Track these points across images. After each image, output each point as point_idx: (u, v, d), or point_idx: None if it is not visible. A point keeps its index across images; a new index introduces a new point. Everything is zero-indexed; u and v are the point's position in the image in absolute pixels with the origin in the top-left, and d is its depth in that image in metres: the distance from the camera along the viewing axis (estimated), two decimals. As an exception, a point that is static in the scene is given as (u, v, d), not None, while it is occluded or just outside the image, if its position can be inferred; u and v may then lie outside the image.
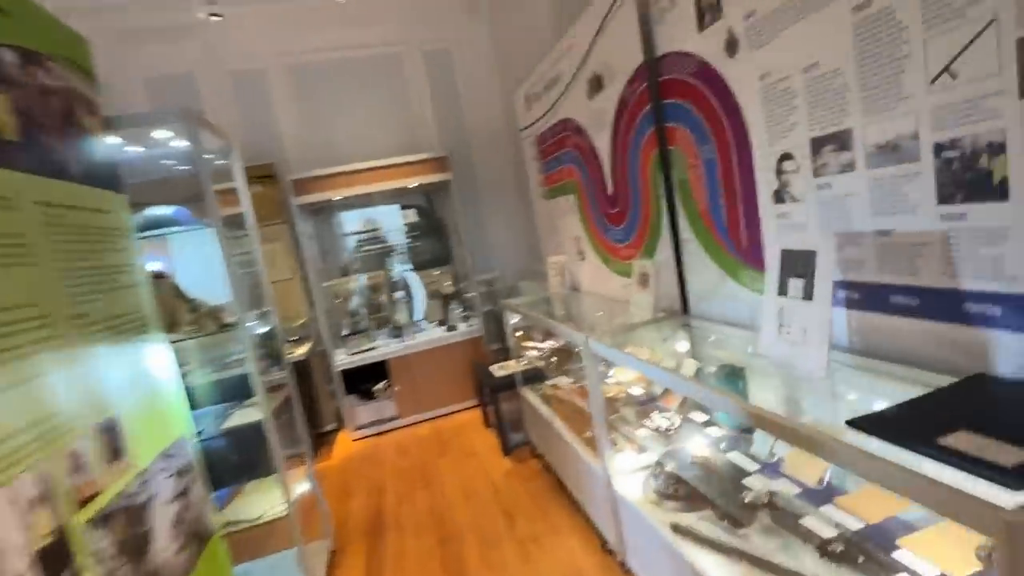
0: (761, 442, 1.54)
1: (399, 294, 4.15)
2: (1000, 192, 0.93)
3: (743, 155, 1.52)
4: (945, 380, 1.02)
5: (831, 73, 1.19)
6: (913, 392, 1.00)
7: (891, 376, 1.15)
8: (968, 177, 0.97)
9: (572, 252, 3.09)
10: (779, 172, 1.41)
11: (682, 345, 1.91)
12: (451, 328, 4.04)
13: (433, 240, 4.34)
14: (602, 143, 2.40)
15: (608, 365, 2.33)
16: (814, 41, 1.21)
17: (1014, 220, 0.92)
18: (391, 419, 3.90)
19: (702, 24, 1.58)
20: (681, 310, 2.00)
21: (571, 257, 3.11)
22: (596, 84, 2.32)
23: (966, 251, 1.00)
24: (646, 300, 2.04)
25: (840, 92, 1.18)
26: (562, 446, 2.40)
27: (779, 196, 1.43)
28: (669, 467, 1.76)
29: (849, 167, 1.20)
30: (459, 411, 4.02)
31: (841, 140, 1.20)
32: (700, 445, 1.74)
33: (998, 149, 0.91)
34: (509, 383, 3.15)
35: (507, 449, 3.15)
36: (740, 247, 1.63)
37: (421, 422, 3.95)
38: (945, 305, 1.06)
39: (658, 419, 2.00)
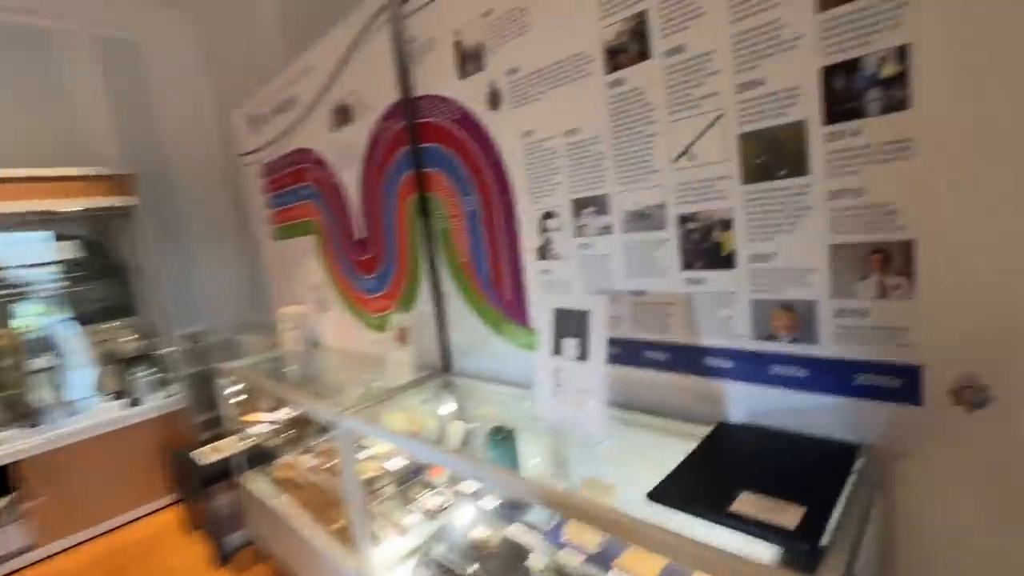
0: (540, 508, 1.48)
1: (44, 360, 2.90)
2: (728, 262, 1.07)
3: (507, 209, 1.50)
4: (696, 429, 1.12)
5: (591, 139, 1.25)
6: (677, 445, 1.05)
7: (652, 428, 1.22)
8: (705, 247, 1.10)
9: (312, 302, 2.66)
10: (543, 229, 1.42)
11: (447, 407, 1.75)
12: (134, 402, 3.01)
13: (107, 284, 3.22)
14: (350, 180, 2.13)
15: (363, 439, 2.01)
16: (575, 107, 1.26)
17: (738, 287, 1.06)
18: (20, 552, 2.61)
19: (463, 71, 1.52)
20: (443, 368, 1.86)
21: (311, 308, 2.68)
22: (343, 115, 2.06)
23: (704, 311, 1.13)
24: (405, 358, 1.84)
25: (599, 159, 1.24)
26: (302, 543, 1.94)
27: (543, 253, 1.43)
28: (438, 553, 1.55)
29: (607, 230, 1.26)
30: (149, 515, 2.98)
31: (600, 204, 1.26)
32: (474, 521, 1.59)
33: (727, 225, 1.05)
34: (223, 470, 2.46)
35: (223, 558, 2.42)
36: (504, 302, 1.59)
37: (81, 544, 2.76)
38: (690, 359, 1.18)
39: (427, 498, 1.78)
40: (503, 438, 1.47)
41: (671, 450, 1.16)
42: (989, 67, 0.74)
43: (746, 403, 1.10)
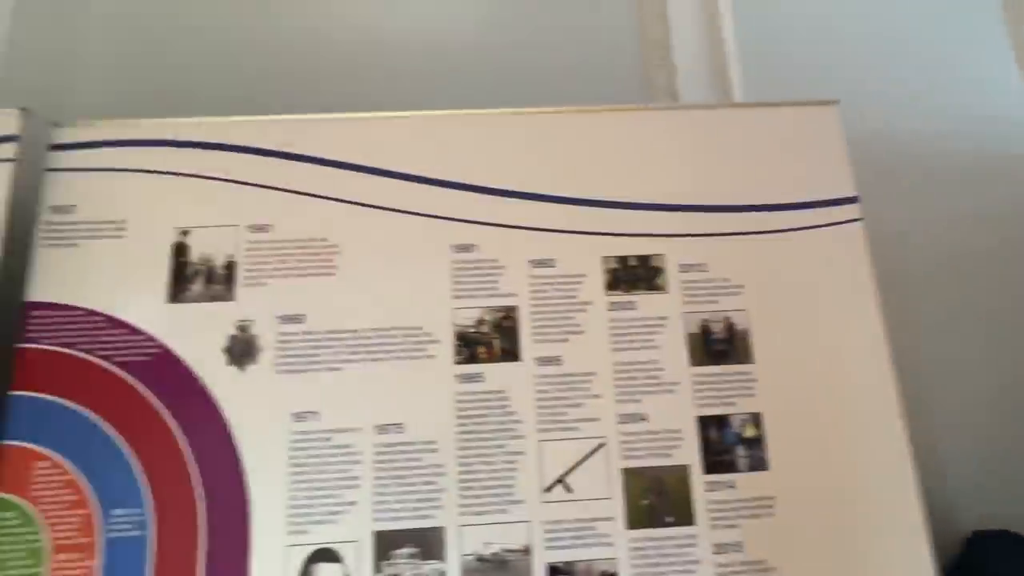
0: None
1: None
2: (613, 630, 0.84)
3: (225, 539, 0.83)
4: None
5: (421, 444, 0.88)
6: None
7: None
8: (583, 610, 0.84)
9: None
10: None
11: None
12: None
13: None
14: None
15: None
16: (400, 394, 0.90)
17: (625, 665, 0.83)
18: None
19: (179, 291, 0.92)
20: None
21: None
22: None
23: None
24: None
25: (432, 473, 0.87)
26: None
27: (296, 627, 0.81)
28: None
29: (436, 584, 0.84)
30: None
31: (426, 541, 0.85)
32: None
33: (612, 580, 0.86)
34: None
35: None
36: None
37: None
38: None
39: None
40: None
41: None
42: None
43: None
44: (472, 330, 0.93)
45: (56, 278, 0.92)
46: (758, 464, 0.90)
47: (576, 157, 1.04)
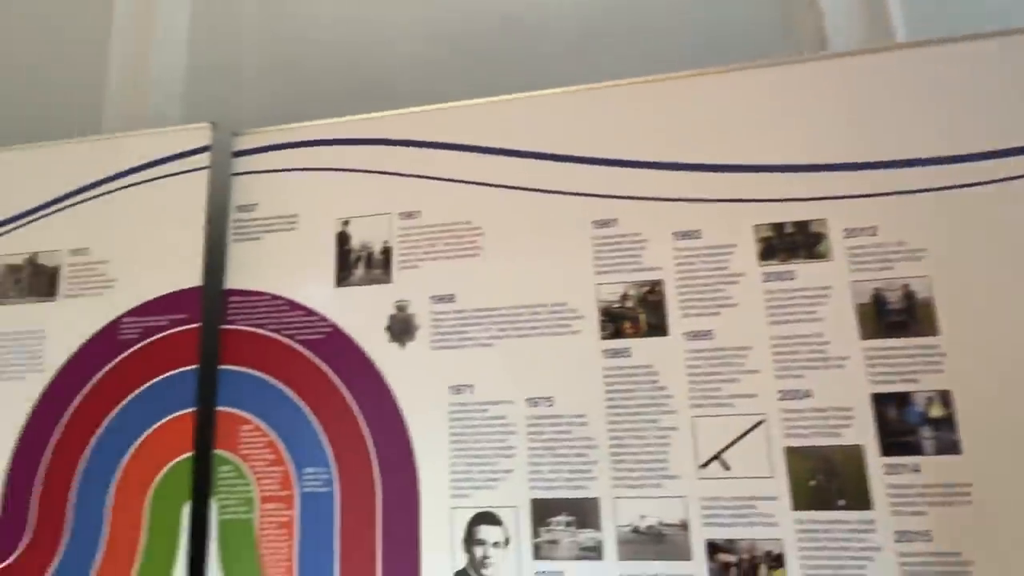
0: None
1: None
2: (781, 613, 0.81)
3: (399, 502, 0.92)
4: None
5: (572, 417, 0.90)
6: None
7: None
8: (748, 590, 0.82)
9: None
10: (471, 542, 0.89)
11: None
12: None
13: None
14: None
15: None
16: (548, 368, 0.92)
17: (796, 649, 0.80)
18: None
19: (345, 276, 1.02)
20: None
21: None
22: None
23: None
24: None
25: (584, 446, 0.89)
26: None
27: (465, 581, 0.88)
28: None
29: (593, 552, 0.86)
30: None
31: (582, 511, 0.87)
32: None
33: (778, 561, 0.82)
34: None
35: None
36: (366, 671, 0.88)
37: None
38: None
39: None
40: None
41: None
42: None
43: None
44: (616, 305, 0.93)
45: (246, 268, 1.05)
46: (948, 447, 0.81)
47: (718, 121, 0.98)
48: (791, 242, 0.90)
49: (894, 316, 0.85)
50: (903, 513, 0.80)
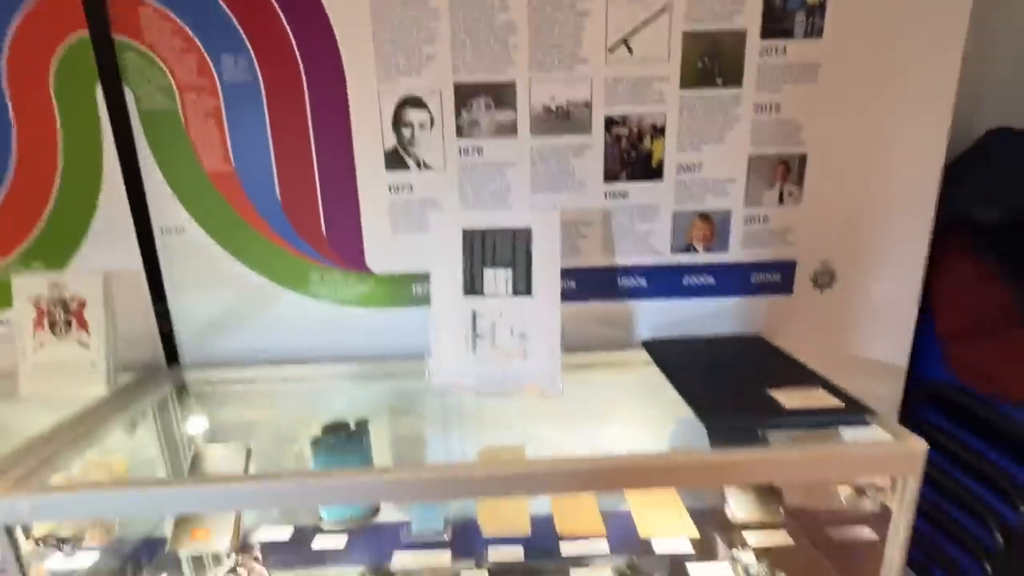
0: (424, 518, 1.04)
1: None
2: (657, 173, 1.01)
3: (327, 88, 0.95)
4: (600, 357, 1.05)
5: (496, 3, 0.92)
6: (596, 379, 0.96)
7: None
8: (633, 156, 1.00)
9: None
10: (400, 123, 0.97)
11: (193, 424, 1.03)
12: None
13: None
14: None
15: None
16: (469, -52, 0.90)
17: (662, 199, 1.03)
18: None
19: None
20: (167, 361, 1.07)
21: None
22: None
23: (624, 229, 1.04)
24: (79, 358, 0.95)
25: (504, 28, 0.93)
26: None
27: (396, 159, 0.99)
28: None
29: (509, 130, 0.98)
30: None
31: (500, 94, 0.96)
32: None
33: (660, 132, 0.99)
34: None
35: None
36: (312, 236, 1.03)
37: None
38: (601, 283, 1.07)
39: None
40: (348, 437, 0.99)
41: (595, 386, 1.06)
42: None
43: (655, 319, 1.10)
44: None
45: None
46: (815, 32, 0.94)
47: None
48: None
49: None
50: (764, 89, 0.97)
